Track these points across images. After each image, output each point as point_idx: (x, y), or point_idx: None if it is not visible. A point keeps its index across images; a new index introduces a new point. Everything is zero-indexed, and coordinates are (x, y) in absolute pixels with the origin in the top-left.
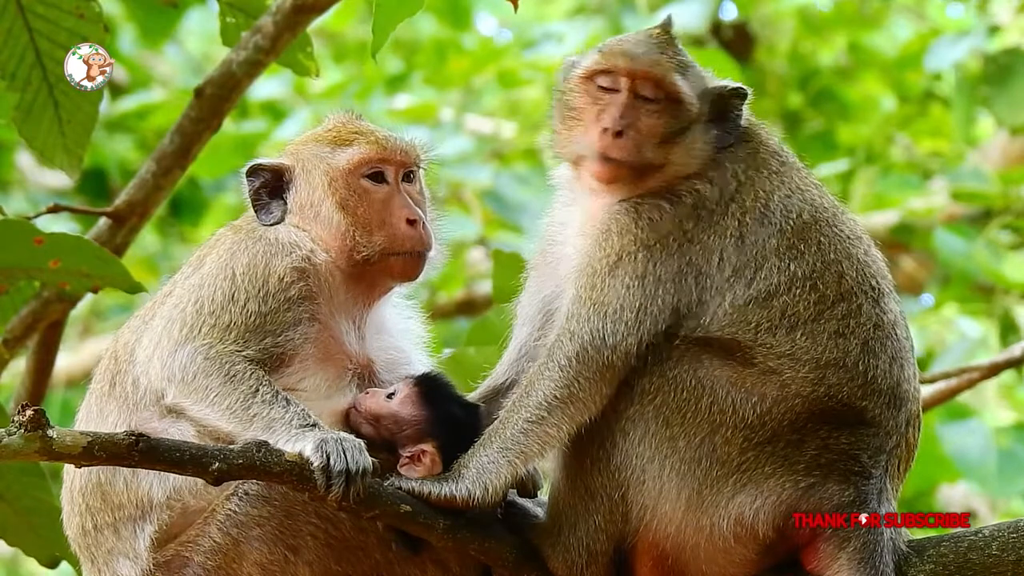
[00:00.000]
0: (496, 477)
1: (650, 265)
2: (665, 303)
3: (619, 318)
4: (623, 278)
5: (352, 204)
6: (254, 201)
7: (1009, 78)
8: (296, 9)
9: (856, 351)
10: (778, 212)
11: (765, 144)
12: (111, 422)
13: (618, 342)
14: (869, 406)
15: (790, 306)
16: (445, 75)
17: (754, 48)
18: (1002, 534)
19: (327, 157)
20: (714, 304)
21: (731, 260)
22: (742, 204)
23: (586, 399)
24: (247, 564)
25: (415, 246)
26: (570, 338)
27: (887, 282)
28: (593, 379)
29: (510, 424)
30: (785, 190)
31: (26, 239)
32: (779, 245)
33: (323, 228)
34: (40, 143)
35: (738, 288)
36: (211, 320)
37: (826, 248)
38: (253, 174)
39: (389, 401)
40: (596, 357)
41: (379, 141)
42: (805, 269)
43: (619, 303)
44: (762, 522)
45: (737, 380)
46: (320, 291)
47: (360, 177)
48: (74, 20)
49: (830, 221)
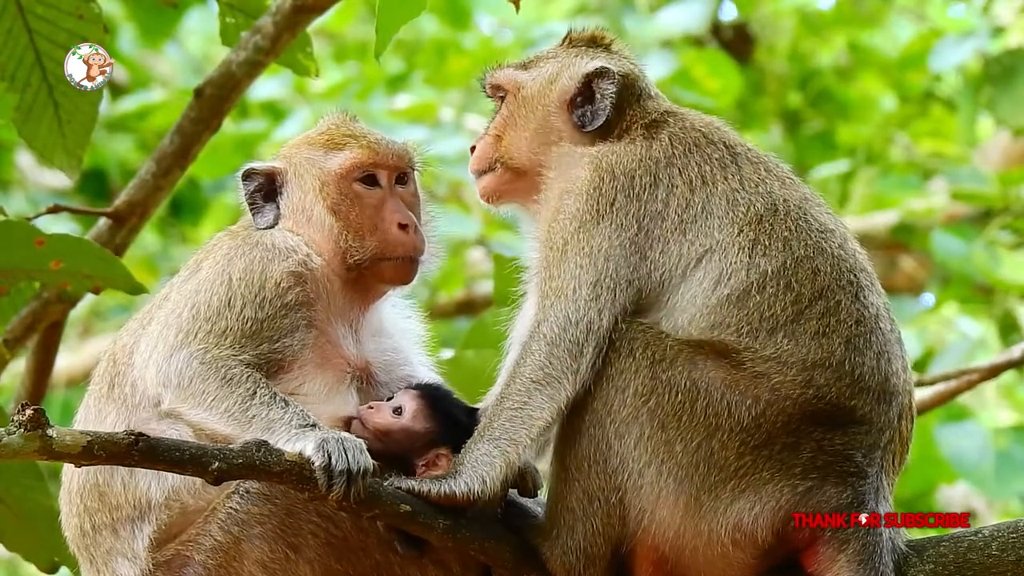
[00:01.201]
0: (491, 468)
1: (593, 240)
2: (619, 275)
3: (578, 296)
4: (573, 258)
5: (344, 209)
6: (249, 204)
7: (1013, 79)
8: (296, 9)
9: (840, 350)
10: (722, 205)
11: (698, 130)
12: (109, 424)
13: (580, 317)
14: (859, 404)
15: (766, 307)
16: (445, 75)
17: (754, 48)
18: (1002, 534)
19: (319, 161)
20: (684, 300)
21: (678, 250)
22: (671, 187)
23: (560, 377)
24: (248, 562)
25: (407, 251)
26: (539, 326)
27: (866, 275)
28: (564, 357)
29: (496, 416)
30: (733, 182)
31: (27, 240)
32: (735, 238)
33: (316, 232)
34: (40, 144)
35: (707, 284)
36: (207, 326)
37: (794, 244)
38: (248, 177)
39: (399, 417)
40: (563, 335)
41: (371, 145)
42: (775, 265)
43: (575, 283)
44: (761, 527)
45: (731, 382)
46: (317, 296)
47: (352, 181)
48: (74, 21)
49: (795, 214)
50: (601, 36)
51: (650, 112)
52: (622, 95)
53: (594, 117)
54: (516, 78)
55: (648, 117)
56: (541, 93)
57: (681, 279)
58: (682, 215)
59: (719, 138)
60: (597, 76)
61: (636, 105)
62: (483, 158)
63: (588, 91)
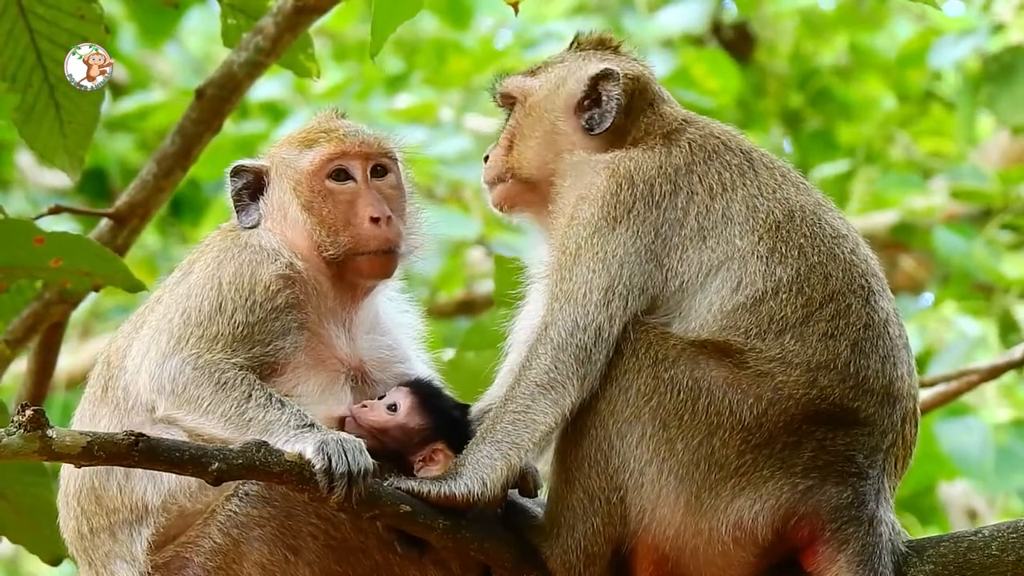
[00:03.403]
0: (492, 471)
1: (607, 247)
2: (632, 282)
3: (588, 300)
4: (587, 263)
5: (316, 206)
6: (235, 202)
7: (1011, 77)
8: (297, 10)
9: (846, 352)
10: (743, 211)
11: (717, 137)
12: (103, 427)
13: (589, 323)
14: (862, 406)
15: (777, 311)
16: (445, 75)
17: (754, 48)
18: (1002, 534)
19: (293, 160)
20: (700, 307)
21: (698, 257)
22: (691, 194)
23: (565, 383)
24: (247, 565)
25: (380, 245)
26: (546, 329)
27: (877, 280)
28: (570, 363)
29: (499, 419)
30: (752, 188)
31: (27, 238)
32: (756, 246)
33: (292, 231)
34: (41, 144)
35: (724, 292)
36: (198, 331)
37: (808, 251)
38: (237, 174)
39: (394, 414)
40: (571, 341)
41: (340, 137)
42: (790, 273)
43: (586, 287)
44: (761, 525)
45: (733, 381)
46: (307, 297)
47: (324, 178)
48: (75, 21)
49: (811, 220)
50: (609, 39)
51: (667, 119)
52: (633, 99)
53: (601, 120)
54: (524, 85)
55: (667, 125)
56: (548, 99)
57: (699, 286)
58: (702, 222)
59: (736, 144)
60: (602, 78)
61: (650, 110)
62: (495, 167)
63: (595, 94)
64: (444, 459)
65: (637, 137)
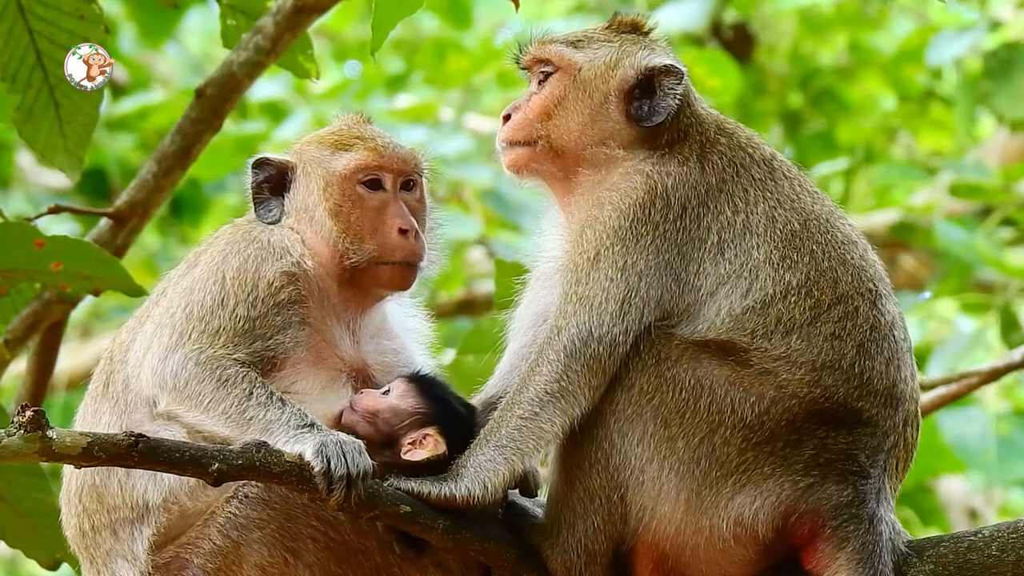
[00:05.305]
0: (494, 475)
1: (629, 257)
2: (649, 295)
3: (604, 310)
4: (605, 271)
5: (345, 210)
6: (255, 194)
7: (1010, 73)
8: (297, 10)
9: (852, 353)
10: (762, 223)
11: (744, 149)
12: (104, 423)
13: (604, 333)
14: (865, 406)
15: (785, 313)
16: (445, 75)
17: (754, 48)
18: (1002, 534)
19: (325, 161)
20: (709, 312)
21: (715, 270)
22: (717, 213)
23: (576, 392)
24: (247, 566)
25: (406, 256)
26: (558, 334)
27: (884, 284)
28: (582, 372)
29: (505, 422)
30: (772, 200)
31: (27, 241)
32: (770, 255)
33: (315, 232)
34: (41, 144)
35: (734, 298)
36: (200, 325)
37: (819, 256)
38: (259, 167)
39: (386, 396)
40: (584, 350)
41: (377, 148)
42: (800, 278)
43: (603, 295)
44: (761, 523)
45: (735, 380)
46: (311, 295)
47: (356, 183)
48: (74, 21)
49: (823, 228)
50: (642, 23)
51: (704, 124)
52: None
53: (652, 113)
54: (572, 57)
55: (703, 133)
56: (601, 78)
57: (711, 295)
58: (723, 236)
59: (760, 156)
60: (663, 73)
61: (688, 110)
62: (524, 129)
63: (648, 85)
64: (434, 444)
65: (673, 138)
